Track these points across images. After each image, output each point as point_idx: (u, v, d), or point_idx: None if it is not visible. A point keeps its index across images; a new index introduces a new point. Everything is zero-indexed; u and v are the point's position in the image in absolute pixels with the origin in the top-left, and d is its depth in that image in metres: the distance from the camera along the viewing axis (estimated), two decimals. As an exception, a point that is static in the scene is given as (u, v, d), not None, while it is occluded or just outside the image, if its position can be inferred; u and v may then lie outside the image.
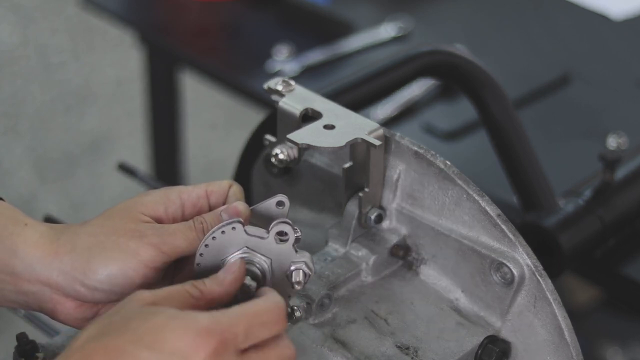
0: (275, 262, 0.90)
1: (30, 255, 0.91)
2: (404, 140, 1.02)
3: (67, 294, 0.91)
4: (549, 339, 0.98)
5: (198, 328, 0.79)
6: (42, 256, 0.91)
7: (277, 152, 1.04)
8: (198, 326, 0.79)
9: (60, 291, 0.91)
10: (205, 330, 0.79)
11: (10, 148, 3.07)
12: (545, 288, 0.97)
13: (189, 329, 0.79)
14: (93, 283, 0.90)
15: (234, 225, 0.89)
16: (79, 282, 0.90)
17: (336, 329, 0.98)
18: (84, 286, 0.90)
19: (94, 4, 2.01)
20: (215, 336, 0.79)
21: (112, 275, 0.90)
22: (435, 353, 0.97)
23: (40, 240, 0.91)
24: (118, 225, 0.92)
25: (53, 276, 0.90)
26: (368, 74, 1.22)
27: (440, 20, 1.96)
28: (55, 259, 0.91)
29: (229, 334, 0.80)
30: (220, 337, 0.79)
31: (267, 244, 0.89)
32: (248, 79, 1.78)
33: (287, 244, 0.90)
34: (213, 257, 0.90)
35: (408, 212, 1.04)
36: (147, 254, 0.90)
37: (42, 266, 0.91)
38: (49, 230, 0.92)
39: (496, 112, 1.24)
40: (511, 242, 0.98)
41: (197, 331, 0.79)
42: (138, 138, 2.86)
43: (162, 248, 0.91)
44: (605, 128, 1.58)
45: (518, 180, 1.24)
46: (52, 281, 0.91)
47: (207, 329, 0.79)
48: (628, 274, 1.38)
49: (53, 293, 0.91)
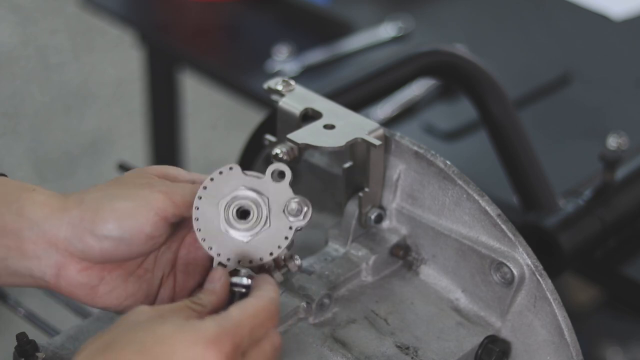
0: (272, 201, 0.90)
1: (38, 213, 0.89)
2: (404, 140, 1.02)
3: (74, 252, 0.89)
4: (549, 338, 0.98)
5: (207, 338, 0.79)
6: (50, 213, 0.89)
7: (277, 152, 1.04)
8: (207, 335, 0.79)
9: (66, 251, 0.89)
10: (215, 340, 0.79)
11: (10, 148, 3.07)
12: (545, 288, 0.97)
13: (199, 339, 0.78)
14: (102, 230, 0.88)
15: (231, 166, 0.90)
16: (88, 232, 0.89)
17: (336, 328, 0.98)
18: (93, 236, 0.88)
19: (94, 4, 2.01)
20: (225, 344, 0.79)
21: (121, 221, 0.88)
22: (435, 353, 0.97)
23: (49, 200, 0.90)
24: (128, 180, 0.92)
25: (61, 231, 0.89)
26: (368, 74, 1.22)
27: (440, 20, 1.96)
28: (63, 214, 0.89)
29: (237, 338, 0.80)
30: (231, 344, 0.80)
31: (264, 183, 0.90)
32: (248, 79, 1.78)
33: (284, 182, 0.90)
34: (212, 198, 0.90)
35: (408, 212, 1.04)
36: (157, 200, 0.89)
37: (49, 223, 0.89)
38: (58, 193, 0.91)
39: (496, 112, 1.24)
40: (511, 242, 0.98)
41: (207, 341, 0.78)
42: (138, 138, 2.86)
43: (172, 197, 0.90)
44: (605, 128, 1.58)
45: (518, 180, 1.24)
46: (60, 238, 0.89)
47: (216, 338, 0.79)
48: (628, 274, 1.38)
49: (58, 255, 0.89)
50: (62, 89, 3.27)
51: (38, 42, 3.42)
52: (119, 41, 3.15)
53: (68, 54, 3.38)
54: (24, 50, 3.39)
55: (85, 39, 3.40)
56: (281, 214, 0.91)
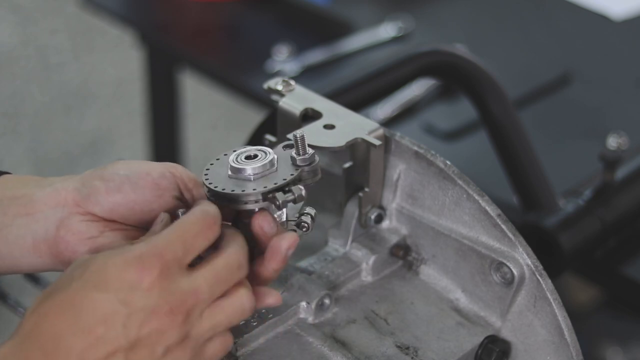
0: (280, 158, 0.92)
1: (56, 179, 0.93)
2: (404, 140, 1.02)
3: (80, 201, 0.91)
4: (549, 338, 0.98)
5: (136, 256, 0.80)
6: (68, 177, 0.93)
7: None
8: (136, 254, 0.80)
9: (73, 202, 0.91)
10: (144, 257, 0.80)
11: (10, 148, 3.07)
12: (545, 288, 0.97)
13: (128, 259, 0.80)
14: (111, 171, 0.91)
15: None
16: (97, 177, 0.91)
17: (336, 328, 0.98)
18: (101, 179, 0.91)
19: (93, 4, 2.01)
20: (154, 259, 0.81)
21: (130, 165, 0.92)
22: (435, 353, 0.97)
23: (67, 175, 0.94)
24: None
25: (72, 184, 0.92)
26: (368, 74, 1.22)
27: (440, 20, 1.96)
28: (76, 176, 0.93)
29: (168, 252, 0.81)
30: (160, 259, 0.81)
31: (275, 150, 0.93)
32: (248, 79, 1.78)
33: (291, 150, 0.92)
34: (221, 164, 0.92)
35: (408, 212, 1.04)
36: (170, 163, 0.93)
37: (63, 183, 0.92)
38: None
39: (496, 112, 1.24)
40: (511, 242, 0.98)
41: (137, 260, 0.80)
42: (138, 138, 2.86)
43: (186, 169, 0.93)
44: (605, 128, 1.58)
45: (518, 180, 1.24)
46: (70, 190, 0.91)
47: (145, 254, 0.80)
48: (628, 274, 1.38)
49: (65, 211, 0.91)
50: (62, 89, 3.27)
51: (38, 42, 3.42)
52: (119, 41, 3.16)
53: (68, 54, 3.38)
54: (24, 50, 3.39)
55: (85, 39, 3.40)
56: (288, 163, 0.92)
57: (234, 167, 0.91)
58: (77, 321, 0.79)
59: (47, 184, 0.93)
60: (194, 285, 0.82)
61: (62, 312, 0.79)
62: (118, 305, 0.79)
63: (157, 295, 0.80)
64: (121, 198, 0.91)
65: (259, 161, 0.91)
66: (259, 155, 0.91)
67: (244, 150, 0.92)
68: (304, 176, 0.92)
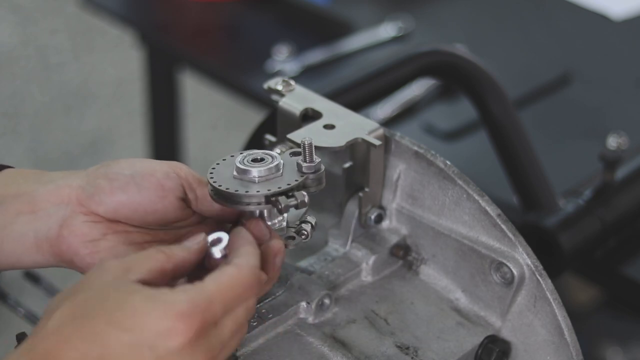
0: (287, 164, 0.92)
1: (56, 175, 0.93)
2: (404, 140, 1.02)
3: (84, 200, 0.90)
4: (549, 338, 0.98)
5: (177, 311, 0.78)
6: (69, 174, 0.93)
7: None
8: (177, 309, 0.78)
9: (77, 200, 0.91)
10: (185, 314, 0.78)
11: (10, 148, 3.07)
12: (545, 288, 0.97)
13: (168, 312, 0.78)
14: (115, 169, 0.91)
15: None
16: (102, 175, 0.91)
17: (336, 328, 0.98)
18: (106, 177, 0.90)
19: (94, 4, 2.01)
20: (195, 319, 0.78)
21: (135, 164, 0.91)
22: (435, 353, 0.97)
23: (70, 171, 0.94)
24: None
25: (76, 181, 0.91)
26: (368, 74, 1.22)
27: (440, 20, 1.96)
28: (82, 171, 0.92)
29: (209, 314, 0.79)
30: (201, 319, 0.79)
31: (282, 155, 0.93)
32: (248, 79, 1.78)
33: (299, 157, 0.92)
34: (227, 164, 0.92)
35: (408, 212, 1.04)
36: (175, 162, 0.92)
37: (65, 179, 0.92)
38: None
39: (496, 112, 1.24)
40: (511, 242, 0.98)
41: (177, 315, 0.78)
42: (138, 138, 2.86)
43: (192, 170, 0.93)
44: (605, 128, 1.58)
45: (518, 180, 1.24)
46: (73, 187, 0.91)
47: (186, 312, 0.78)
48: (628, 274, 1.38)
49: (68, 209, 0.91)
50: (62, 89, 3.27)
51: (38, 42, 3.42)
52: (119, 41, 3.16)
53: (68, 54, 3.38)
54: (24, 50, 3.39)
55: (85, 39, 3.40)
56: (294, 169, 0.92)
57: (240, 168, 0.90)
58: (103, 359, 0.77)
59: (48, 180, 0.92)
60: (221, 339, 0.81)
61: (87, 344, 0.77)
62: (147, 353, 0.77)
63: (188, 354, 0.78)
64: (125, 198, 0.90)
65: (265, 164, 0.91)
66: (265, 159, 0.91)
67: (251, 152, 0.92)
68: (309, 183, 0.92)
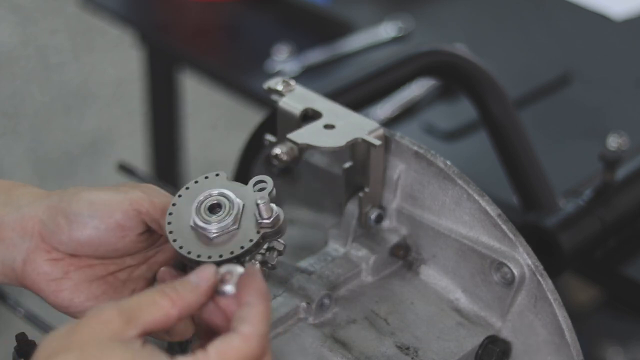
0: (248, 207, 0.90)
1: (23, 200, 0.92)
2: (404, 140, 1.02)
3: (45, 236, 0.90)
4: (549, 339, 0.98)
5: None
6: (34, 199, 0.92)
7: (277, 152, 1.04)
8: None
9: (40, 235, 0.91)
10: None
11: (10, 148, 3.07)
12: (545, 288, 0.97)
13: None
14: (74, 209, 0.90)
15: (218, 173, 0.91)
16: (61, 212, 0.90)
17: (336, 329, 0.98)
18: (65, 217, 0.90)
19: (94, 4, 2.01)
20: None
21: (94, 204, 0.90)
22: (435, 353, 0.97)
23: (36, 190, 0.94)
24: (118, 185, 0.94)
25: (39, 213, 0.91)
26: (368, 74, 1.22)
27: (440, 20, 1.96)
28: (45, 199, 0.92)
29: None
30: None
31: (245, 191, 0.91)
32: (248, 79, 1.78)
33: (264, 192, 0.90)
34: (190, 198, 0.90)
35: (408, 212, 1.04)
36: (135, 195, 0.91)
37: (30, 207, 0.91)
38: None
39: (496, 112, 1.24)
40: (511, 242, 0.98)
41: None
42: (138, 138, 2.86)
43: (151, 197, 0.91)
44: (605, 128, 1.58)
45: (518, 180, 1.24)
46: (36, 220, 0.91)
47: None
48: (628, 274, 1.38)
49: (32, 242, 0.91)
50: (62, 89, 3.27)
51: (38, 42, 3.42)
52: (119, 41, 3.15)
53: (68, 54, 3.38)
54: (24, 50, 3.39)
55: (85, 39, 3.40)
56: (252, 218, 0.90)
57: (196, 223, 0.89)
58: None
59: (15, 207, 0.92)
60: None
61: None
62: None
63: None
64: (85, 239, 0.90)
65: (221, 217, 0.89)
66: (222, 208, 0.90)
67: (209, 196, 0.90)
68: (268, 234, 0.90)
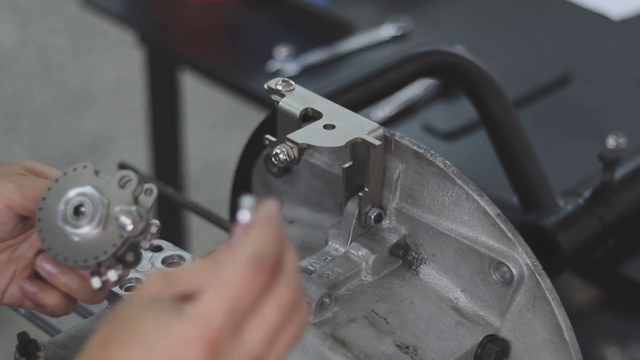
0: (113, 206, 0.89)
1: None
2: (404, 140, 1.02)
3: None
4: (548, 338, 0.98)
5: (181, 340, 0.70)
6: None
7: (277, 152, 1.04)
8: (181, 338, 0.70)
9: None
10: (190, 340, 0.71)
11: (10, 148, 3.07)
12: (544, 287, 0.97)
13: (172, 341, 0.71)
14: None
15: (85, 165, 0.91)
16: None
17: (336, 328, 0.98)
18: None
19: (94, 4, 2.01)
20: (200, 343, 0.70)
21: None
22: (434, 352, 0.97)
23: None
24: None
25: None
26: (368, 74, 1.22)
27: (440, 20, 1.96)
28: None
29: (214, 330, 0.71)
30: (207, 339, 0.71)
31: (111, 188, 0.90)
32: (248, 79, 1.78)
33: (127, 190, 0.89)
34: (59, 193, 0.90)
35: (408, 212, 1.04)
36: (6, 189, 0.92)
37: None
38: None
39: (496, 112, 1.24)
40: (510, 241, 0.98)
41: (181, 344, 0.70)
42: (138, 138, 2.86)
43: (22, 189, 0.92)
44: (605, 128, 1.58)
45: (518, 180, 1.25)
46: None
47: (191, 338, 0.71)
48: (628, 274, 1.38)
49: None
50: (62, 89, 3.27)
51: (38, 42, 3.42)
52: (119, 41, 3.15)
53: (68, 54, 3.38)
54: (24, 50, 3.39)
55: (85, 39, 3.40)
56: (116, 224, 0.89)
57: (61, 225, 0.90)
58: None
59: None
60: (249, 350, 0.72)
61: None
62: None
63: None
64: None
65: (85, 222, 0.89)
66: (86, 210, 0.89)
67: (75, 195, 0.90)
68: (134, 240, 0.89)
